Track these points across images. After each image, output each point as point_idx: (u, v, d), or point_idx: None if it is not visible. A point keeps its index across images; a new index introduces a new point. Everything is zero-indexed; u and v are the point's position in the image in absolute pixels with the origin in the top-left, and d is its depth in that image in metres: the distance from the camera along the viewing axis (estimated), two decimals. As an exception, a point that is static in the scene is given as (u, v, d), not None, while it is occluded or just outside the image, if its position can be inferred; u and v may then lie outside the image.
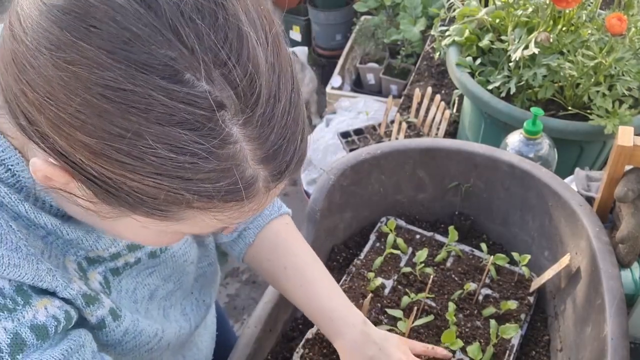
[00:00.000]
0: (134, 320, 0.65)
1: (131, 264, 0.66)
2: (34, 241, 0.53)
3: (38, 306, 0.50)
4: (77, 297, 0.55)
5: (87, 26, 0.38)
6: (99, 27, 0.38)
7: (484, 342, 0.84)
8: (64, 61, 0.38)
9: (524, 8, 1.21)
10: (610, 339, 0.69)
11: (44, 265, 0.52)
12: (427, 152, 0.99)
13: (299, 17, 3.64)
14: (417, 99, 1.68)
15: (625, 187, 0.79)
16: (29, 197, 0.54)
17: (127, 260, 0.65)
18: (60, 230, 0.56)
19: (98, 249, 0.60)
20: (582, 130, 1.11)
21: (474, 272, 0.95)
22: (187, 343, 0.86)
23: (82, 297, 0.56)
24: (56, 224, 0.56)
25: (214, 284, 0.88)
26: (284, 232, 0.83)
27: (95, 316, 0.58)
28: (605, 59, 1.07)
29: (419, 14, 2.67)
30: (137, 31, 0.37)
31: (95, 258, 0.61)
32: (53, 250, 0.56)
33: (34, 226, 0.54)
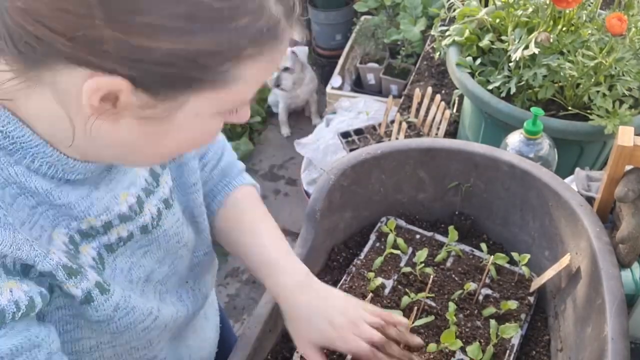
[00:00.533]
0: (125, 297, 0.65)
1: (124, 239, 0.66)
2: (17, 211, 0.53)
3: (3, 288, 0.50)
4: (58, 268, 0.55)
5: None
6: None
7: (484, 342, 0.84)
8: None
9: (524, 8, 1.21)
10: (611, 339, 0.69)
11: (21, 235, 0.52)
12: (428, 152, 0.99)
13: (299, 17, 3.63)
14: (417, 99, 1.68)
15: (625, 187, 0.79)
16: (24, 158, 0.54)
17: (120, 233, 0.65)
18: (53, 195, 0.56)
19: (90, 216, 0.60)
20: (582, 131, 1.11)
21: (474, 272, 0.95)
22: (189, 332, 0.86)
23: (63, 268, 0.56)
24: (49, 187, 0.56)
25: (209, 274, 0.89)
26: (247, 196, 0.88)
27: (80, 289, 0.58)
28: (605, 59, 1.07)
29: (419, 14, 2.67)
30: None
31: (88, 231, 0.61)
32: (40, 222, 0.56)
33: (24, 194, 0.54)
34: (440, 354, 0.82)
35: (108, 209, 0.62)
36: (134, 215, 0.66)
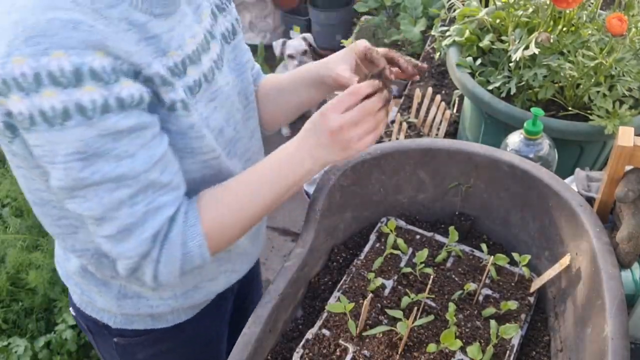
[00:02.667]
0: (202, 123, 0.81)
1: (197, 83, 0.81)
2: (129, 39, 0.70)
3: (123, 84, 0.68)
4: (156, 76, 0.72)
5: None
6: None
7: (484, 342, 0.84)
8: None
9: (525, 8, 1.21)
10: (611, 339, 0.69)
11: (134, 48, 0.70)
12: (428, 153, 0.99)
13: (299, 17, 3.64)
14: (417, 99, 1.68)
15: (625, 187, 0.79)
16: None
17: (193, 76, 0.80)
18: (147, 27, 0.73)
19: (171, 49, 0.77)
20: (582, 131, 1.11)
21: (474, 273, 0.95)
22: None
23: (160, 77, 0.73)
24: (145, 20, 0.73)
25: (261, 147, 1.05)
26: None
27: (169, 97, 0.75)
28: (605, 60, 1.07)
29: (419, 14, 2.67)
30: None
31: (174, 69, 0.77)
32: (142, 51, 0.72)
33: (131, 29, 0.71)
34: (440, 354, 0.82)
35: (181, 46, 0.79)
36: (196, 59, 0.81)
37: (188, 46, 0.80)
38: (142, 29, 0.73)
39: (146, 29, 0.73)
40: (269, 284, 0.87)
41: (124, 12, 0.70)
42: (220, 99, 0.87)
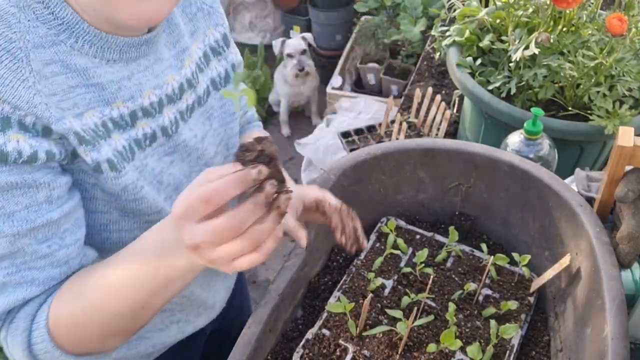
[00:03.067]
0: (137, 185, 0.72)
1: (149, 137, 0.74)
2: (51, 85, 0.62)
3: (11, 137, 0.59)
4: (70, 133, 0.63)
5: None
6: None
7: (484, 342, 0.84)
8: None
9: (525, 8, 1.21)
10: (611, 340, 0.69)
11: (41, 99, 0.61)
12: (428, 153, 0.99)
13: (299, 17, 3.64)
14: (417, 99, 1.68)
15: (625, 187, 0.79)
16: (70, 38, 0.64)
17: (145, 129, 0.73)
18: (89, 73, 0.66)
19: (118, 100, 0.69)
20: (582, 131, 1.11)
21: (474, 273, 0.95)
22: None
23: (74, 134, 0.64)
24: (88, 66, 0.66)
25: None
26: None
27: (90, 157, 0.66)
28: (605, 60, 1.07)
29: (419, 14, 2.67)
30: None
31: (119, 121, 0.70)
32: (75, 99, 0.65)
33: (66, 73, 0.64)
34: (440, 354, 0.82)
35: (133, 98, 0.71)
36: (154, 112, 0.74)
37: (145, 98, 0.73)
38: (82, 74, 0.66)
39: (88, 75, 0.66)
40: (269, 283, 0.87)
41: (60, 54, 0.63)
42: (182, 152, 0.79)
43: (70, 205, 0.66)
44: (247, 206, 0.54)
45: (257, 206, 0.54)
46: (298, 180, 2.95)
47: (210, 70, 0.85)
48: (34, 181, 0.62)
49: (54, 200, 0.64)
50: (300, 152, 2.56)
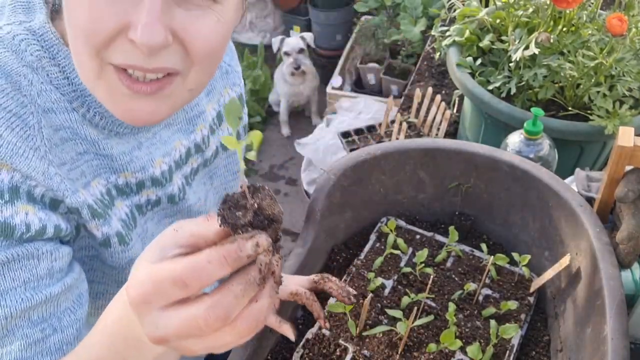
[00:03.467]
0: None
1: (152, 203, 0.71)
2: (61, 152, 0.59)
3: (20, 208, 0.54)
4: (84, 206, 0.61)
5: None
6: None
7: (484, 342, 0.84)
8: None
9: (525, 8, 1.21)
10: (611, 340, 0.69)
11: (55, 170, 0.57)
12: (428, 153, 0.99)
13: (299, 17, 3.64)
14: (417, 99, 1.68)
15: (625, 187, 0.79)
16: (82, 107, 0.61)
17: (149, 196, 0.70)
18: (99, 145, 0.63)
19: (127, 171, 0.67)
20: (582, 131, 1.11)
21: (474, 273, 0.95)
22: None
23: (88, 207, 0.61)
24: (98, 137, 0.63)
25: None
26: None
27: (101, 232, 0.63)
28: (605, 60, 1.07)
29: (419, 14, 2.67)
30: None
31: (124, 188, 0.67)
32: (83, 167, 0.62)
33: (75, 139, 0.61)
34: (440, 354, 0.82)
35: (143, 169, 0.68)
36: (164, 182, 0.71)
37: (157, 167, 0.70)
38: (92, 144, 0.63)
39: (98, 146, 0.63)
40: (269, 283, 0.86)
41: (71, 121, 0.61)
42: (183, 215, 0.77)
43: (72, 278, 0.60)
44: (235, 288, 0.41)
45: (249, 286, 0.41)
46: (297, 181, 2.95)
47: (222, 131, 0.81)
48: (36, 250, 0.56)
49: (55, 273, 0.58)
50: (300, 152, 2.56)
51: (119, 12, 0.50)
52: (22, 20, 0.59)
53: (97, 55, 0.52)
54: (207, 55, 0.56)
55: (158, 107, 0.57)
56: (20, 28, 0.58)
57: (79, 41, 0.52)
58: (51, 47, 0.59)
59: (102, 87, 0.55)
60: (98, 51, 0.52)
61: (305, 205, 0.96)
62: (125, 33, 0.51)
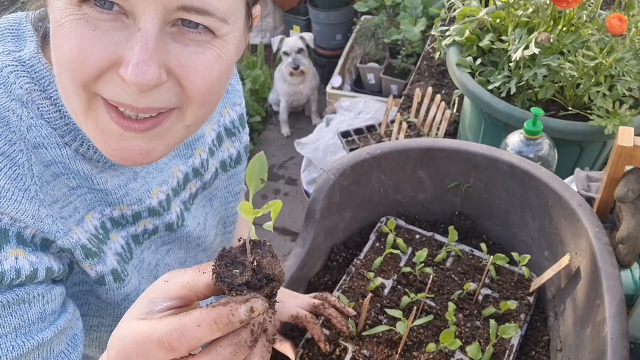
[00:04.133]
0: (140, 291, 0.67)
1: (150, 232, 0.68)
2: (53, 190, 0.56)
3: (9, 253, 0.51)
4: (77, 247, 0.57)
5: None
6: None
7: (484, 342, 0.84)
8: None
9: (525, 8, 1.21)
10: (610, 339, 0.69)
11: (46, 211, 0.54)
12: (428, 153, 0.99)
13: (299, 17, 3.64)
14: (417, 99, 1.68)
15: (625, 187, 0.79)
16: (75, 141, 0.57)
17: (147, 226, 0.68)
18: (93, 180, 0.59)
19: (123, 204, 0.63)
20: (582, 131, 1.11)
21: (474, 272, 0.95)
22: None
23: (82, 248, 0.58)
24: (92, 172, 0.59)
25: None
26: None
27: (95, 271, 0.60)
28: (605, 60, 1.07)
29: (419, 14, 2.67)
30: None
31: (119, 220, 0.64)
32: (76, 203, 0.59)
33: (67, 174, 0.57)
34: (440, 354, 0.82)
35: (140, 201, 0.65)
36: (162, 211, 0.68)
37: (154, 198, 0.67)
38: (85, 179, 0.59)
39: (92, 180, 0.60)
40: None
41: (64, 157, 0.57)
42: (181, 241, 0.74)
43: (65, 319, 0.57)
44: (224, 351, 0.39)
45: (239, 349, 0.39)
46: (297, 181, 2.95)
47: (222, 152, 0.79)
48: (27, 295, 0.53)
49: (47, 317, 0.55)
50: (300, 152, 2.56)
51: (109, 46, 0.47)
52: (12, 49, 0.56)
53: (85, 89, 0.49)
54: (205, 93, 0.52)
55: (153, 147, 0.54)
56: (9, 59, 0.55)
57: (65, 75, 0.49)
58: (42, 79, 0.56)
59: (91, 124, 0.52)
60: (85, 85, 0.49)
61: (305, 205, 0.96)
62: (116, 68, 0.48)
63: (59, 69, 0.50)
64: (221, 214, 0.82)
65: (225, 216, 0.83)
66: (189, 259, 0.77)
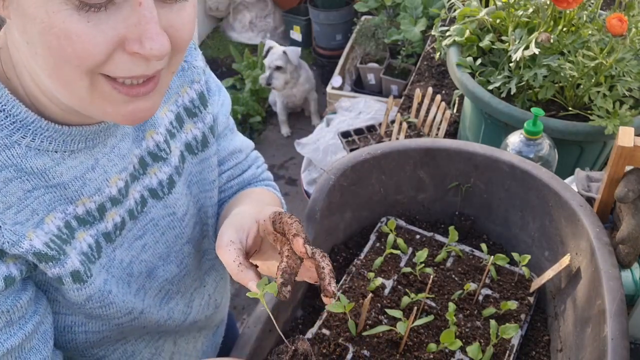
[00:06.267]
0: (104, 292, 0.65)
1: (119, 226, 0.67)
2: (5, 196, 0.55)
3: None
4: (28, 254, 0.56)
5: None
6: None
7: (484, 342, 0.84)
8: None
9: (525, 8, 1.21)
10: (610, 340, 0.69)
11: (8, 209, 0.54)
12: (428, 152, 0.99)
13: (299, 17, 3.65)
14: (417, 99, 1.68)
15: (625, 187, 0.79)
16: (25, 137, 0.56)
17: (114, 219, 0.66)
18: (48, 175, 0.58)
19: (83, 196, 0.62)
20: (582, 131, 1.11)
21: (474, 272, 0.95)
22: (187, 339, 0.85)
23: (34, 255, 0.57)
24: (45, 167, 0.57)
25: (226, 282, 0.88)
26: (260, 192, 0.87)
27: (52, 272, 0.59)
28: (605, 60, 1.07)
29: (419, 14, 2.67)
30: None
31: (85, 217, 0.62)
32: (33, 205, 0.57)
33: (20, 177, 0.56)
34: (440, 354, 0.82)
35: (100, 190, 0.64)
36: (121, 198, 0.67)
37: (113, 186, 0.65)
38: (39, 176, 0.58)
39: (47, 176, 0.58)
40: (269, 283, 0.86)
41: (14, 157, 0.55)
42: (154, 233, 0.72)
43: (34, 322, 0.59)
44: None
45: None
46: (297, 181, 2.95)
47: (185, 133, 0.76)
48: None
49: (14, 322, 0.57)
50: (300, 152, 2.56)
51: (108, 31, 0.48)
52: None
53: (88, 74, 0.50)
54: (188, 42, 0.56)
55: (155, 101, 0.57)
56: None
57: (69, 68, 0.49)
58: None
59: (98, 100, 0.53)
60: (91, 70, 0.50)
61: (305, 205, 0.96)
62: (121, 47, 0.49)
63: (55, 64, 0.50)
64: (200, 202, 0.80)
65: (205, 205, 0.80)
66: (172, 253, 0.75)
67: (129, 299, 0.70)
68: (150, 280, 0.73)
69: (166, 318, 0.77)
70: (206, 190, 0.80)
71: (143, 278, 0.72)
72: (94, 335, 0.70)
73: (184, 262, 0.78)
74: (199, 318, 0.85)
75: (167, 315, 0.77)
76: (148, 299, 0.74)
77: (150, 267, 0.73)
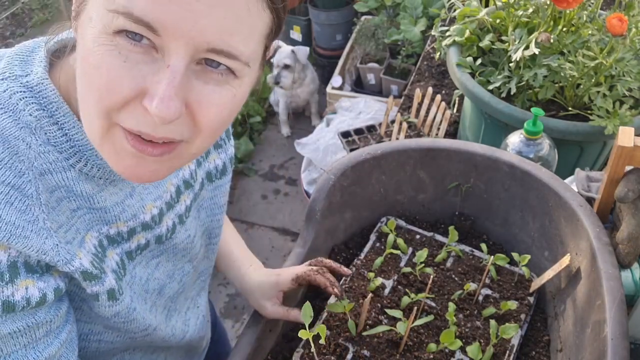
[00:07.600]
0: (130, 309, 0.68)
1: (142, 247, 0.69)
2: (58, 215, 0.57)
3: (20, 285, 0.53)
4: (76, 273, 0.58)
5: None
6: None
7: (484, 342, 0.84)
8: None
9: (525, 8, 1.21)
10: (610, 340, 0.69)
11: (52, 240, 0.56)
12: (428, 152, 0.99)
13: (299, 17, 3.65)
14: (417, 99, 1.68)
15: (625, 187, 0.79)
16: (79, 162, 0.59)
17: (139, 241, 0.69)
18: (93, 199, 0.61)
19: (119, 221, 0.65)
20: (582, 131, 1.11)
21: (474, 273, 0.95)
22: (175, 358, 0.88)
23: (81, 273, 0.59)
24: (93, 191, 0.61)
25: (204, 290, 0.93)
26: None
27: (91, 290, 0.61)
28: (605, 60, 1.07)
29: (419, 14, 2.67)
30: None
31: (115, 237, 0.65)
32: (77, 225, 0.60)
33: (69, 197, 0.59)
34: (440, 354, 0.82)
35: (135, 216, 0.67)
36: (153, 225, 0.70)
37: (147, 213, 0.68)
38: (86, 199, 0.61)
39: (92, 200, 0.62)
40: (269, 283, 0.87)
41: (67, 180, 0.58)
42: (169, 253, 0.76)
43: (67, 330, 0.61)
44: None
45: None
46: (297, 181, 2.95)
47: (209, 163, 0.80)
48: (36, 322, 0.56)
49: (52, 332, 0.59)
50: (300, 152, 2.56)
51: (137, 77, 0.49)
52: (18, 74, 0.57)
53: (106, 116, 0.51)
54: (215, 129, 0.55)
55: (160, 168, 0.57)
56: (16, 84, 0.56)
57: (91, 99, 0.51)
58: (50, 105, 0.57)
59: (107, 146, 0.54)
60: (108, 112, 0.51)
61: (305, 205, 0.96)
62: (140, 98, 0.50)
63: (84, 94, 0.52)
64: (207, 225, 0.83)
65: (211, 227, 0.84)
66: (176, 270, 0.79)
67: (147, 316, 0.72)
68: (159, 298, 0.76)
69: (170, 335, 0.80)
70: (215, 214, 0.83)
71: (155, 295, 0.75)
72: (106, 345, 0.72)
73: (183, 280, 0.81)
74: (194, 337, 0.87)
75: (170, 332, 0.80)
76: (158, 315, 0.77)
77: (161, 284, 0.76)
